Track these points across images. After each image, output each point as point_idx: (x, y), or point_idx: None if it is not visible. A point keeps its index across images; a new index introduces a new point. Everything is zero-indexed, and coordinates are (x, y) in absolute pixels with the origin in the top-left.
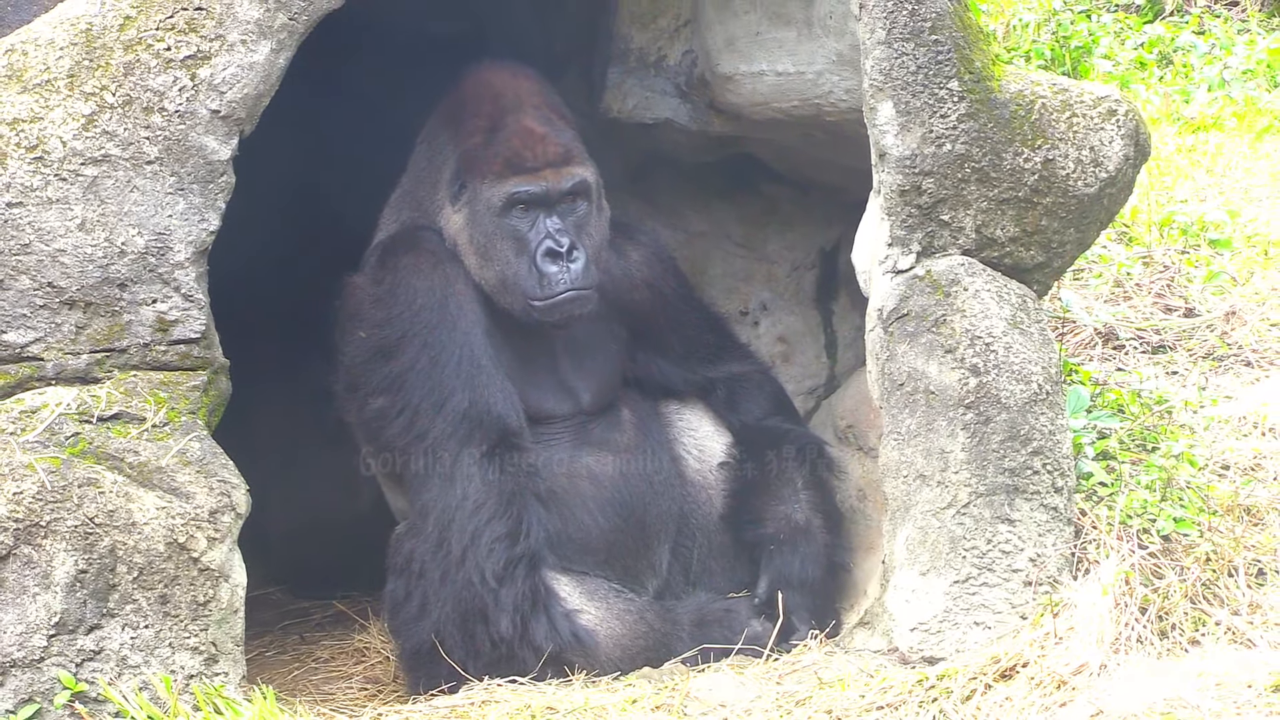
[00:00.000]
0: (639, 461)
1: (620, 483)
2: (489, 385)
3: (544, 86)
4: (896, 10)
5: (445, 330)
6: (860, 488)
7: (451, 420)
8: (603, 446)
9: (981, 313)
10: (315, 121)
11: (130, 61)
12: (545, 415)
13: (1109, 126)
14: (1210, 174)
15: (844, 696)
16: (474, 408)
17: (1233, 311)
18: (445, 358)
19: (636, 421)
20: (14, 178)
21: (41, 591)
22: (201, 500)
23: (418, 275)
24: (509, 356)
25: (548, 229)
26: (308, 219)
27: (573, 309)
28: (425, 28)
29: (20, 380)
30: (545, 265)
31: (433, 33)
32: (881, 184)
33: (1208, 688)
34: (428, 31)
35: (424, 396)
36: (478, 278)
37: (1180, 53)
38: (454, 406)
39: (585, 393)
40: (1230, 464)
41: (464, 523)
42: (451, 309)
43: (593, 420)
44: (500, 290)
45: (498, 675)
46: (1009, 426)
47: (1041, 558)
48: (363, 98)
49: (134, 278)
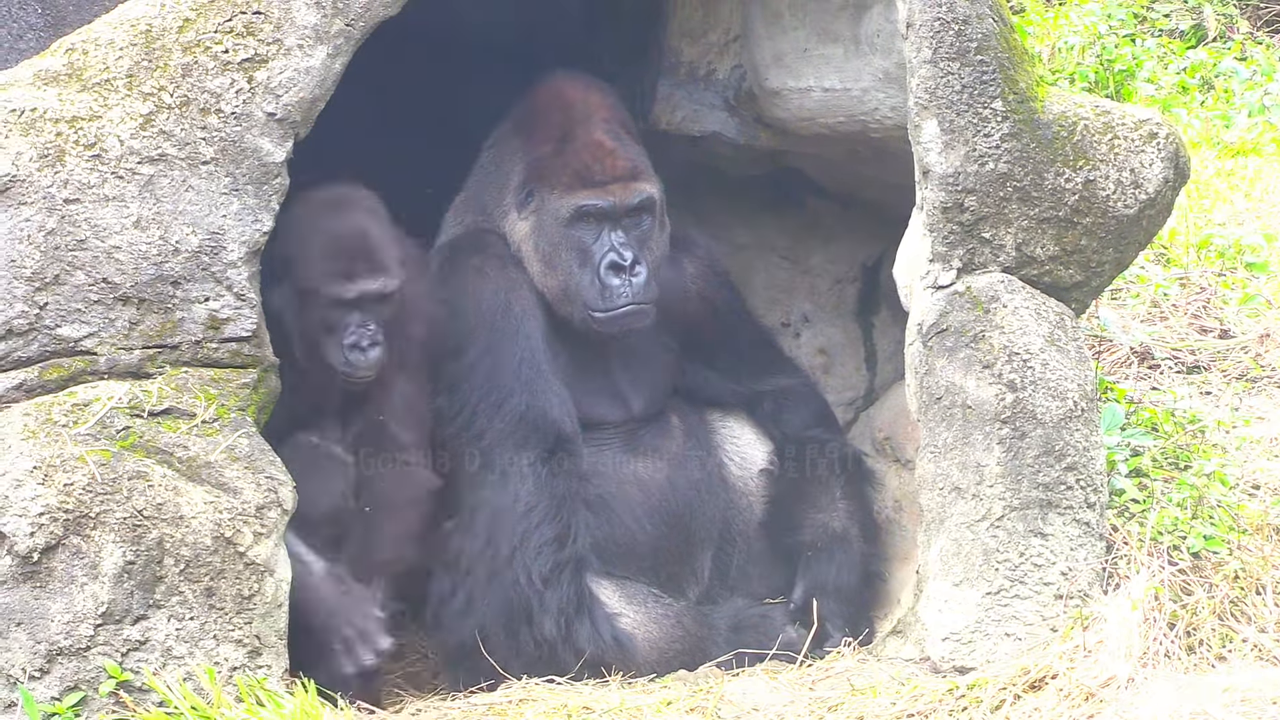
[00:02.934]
0: (686, 469)
1: (668, 490)
2: (546, 390)
3: (614, 100)
4: (943, 30)
5: (508, 334)
6: (896, 499)
7: (509, 422)
8: (652, 453)
9: (1020, 329)
10: (380, 126)
11: (188, 63)
12: (597, 421)
13: (1149, 149)
14: (1248, 198)
15: (875, 703)
16: (531, 411)
17: (1267, 334)
18: (506, 360)
19: (685, 429)
20: (72, 175)
21: (89, 581)
22: (249, 496)
23: (483, 278)
24: (565, 362)
25: (612, 243)
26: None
27: (632, 322)
28: (482, 35)
29: (73, 374)
30: (608, 278)
31: (488, 40)
32: (924, 200)
33: (1233, 703)
34: (483, 39)
35: (483, 397)
36: (540, 285)
37: (1222, 78)
38: (512, 408)
39: (636, 400)
40: (1261, 484)
41: (514, 524)
42: (515, 313)
43: (643, 427)
44: (561, 298)
45: (537, 675)
46: (1044, 442)
47: (1073, 572)
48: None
49: (187, 276)
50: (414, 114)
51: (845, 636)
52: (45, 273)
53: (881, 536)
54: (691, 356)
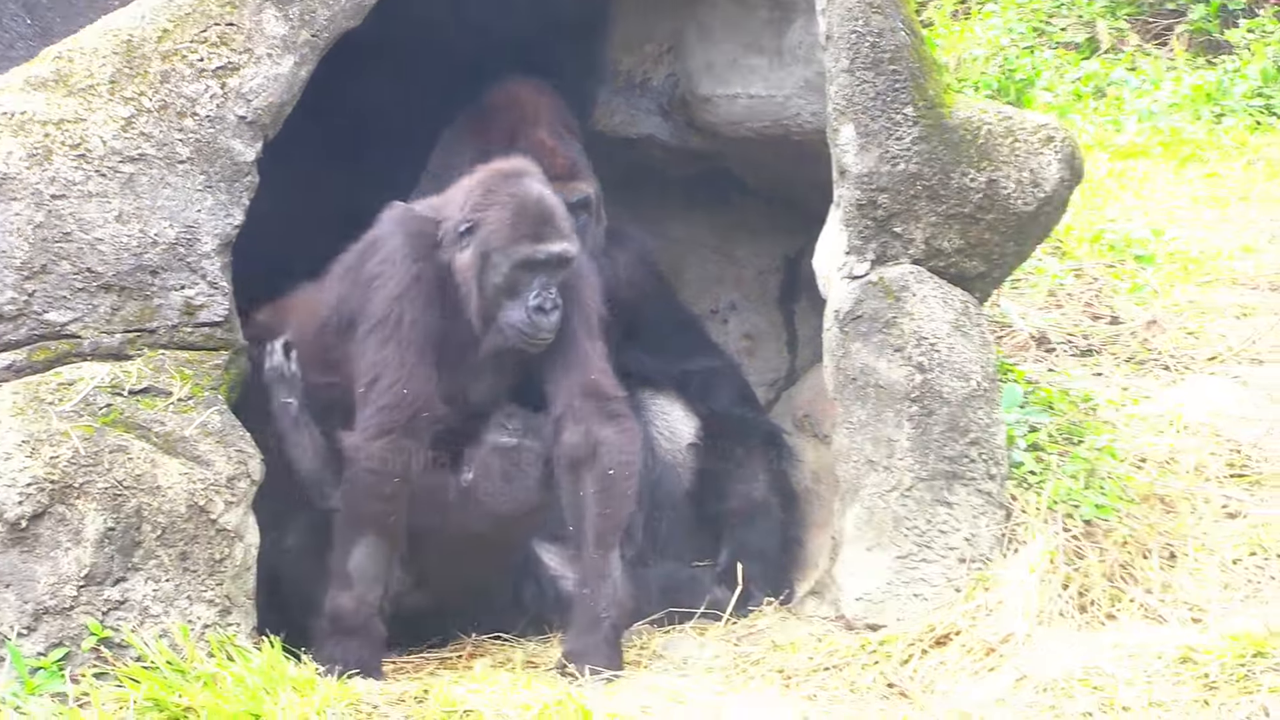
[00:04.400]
0: None
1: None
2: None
3: (559, 105)
4: (859, 42)
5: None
6: (814, 471)
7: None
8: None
9: (928, 316)
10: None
11: (166, 70)
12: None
13: (1047, 151)
14: (1137, 196)
15: (795, 658)
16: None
17: (1154, 320)
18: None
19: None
20: (59, 172)
21: (73, 546)
22: (220, 468)
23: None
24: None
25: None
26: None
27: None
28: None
29: (59, 355)
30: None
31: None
32: (841, 198)
33: (1122, 658)
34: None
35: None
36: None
37: (1114, 86)
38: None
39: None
40: (1147, 457)
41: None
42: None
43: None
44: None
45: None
46: (950, 419)
47: (975, 537)
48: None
49: (165, 266)
50: (375, 118)
51: (767, 597)
52: (34, 263)
53: (800, 505)
54: (625, 339)
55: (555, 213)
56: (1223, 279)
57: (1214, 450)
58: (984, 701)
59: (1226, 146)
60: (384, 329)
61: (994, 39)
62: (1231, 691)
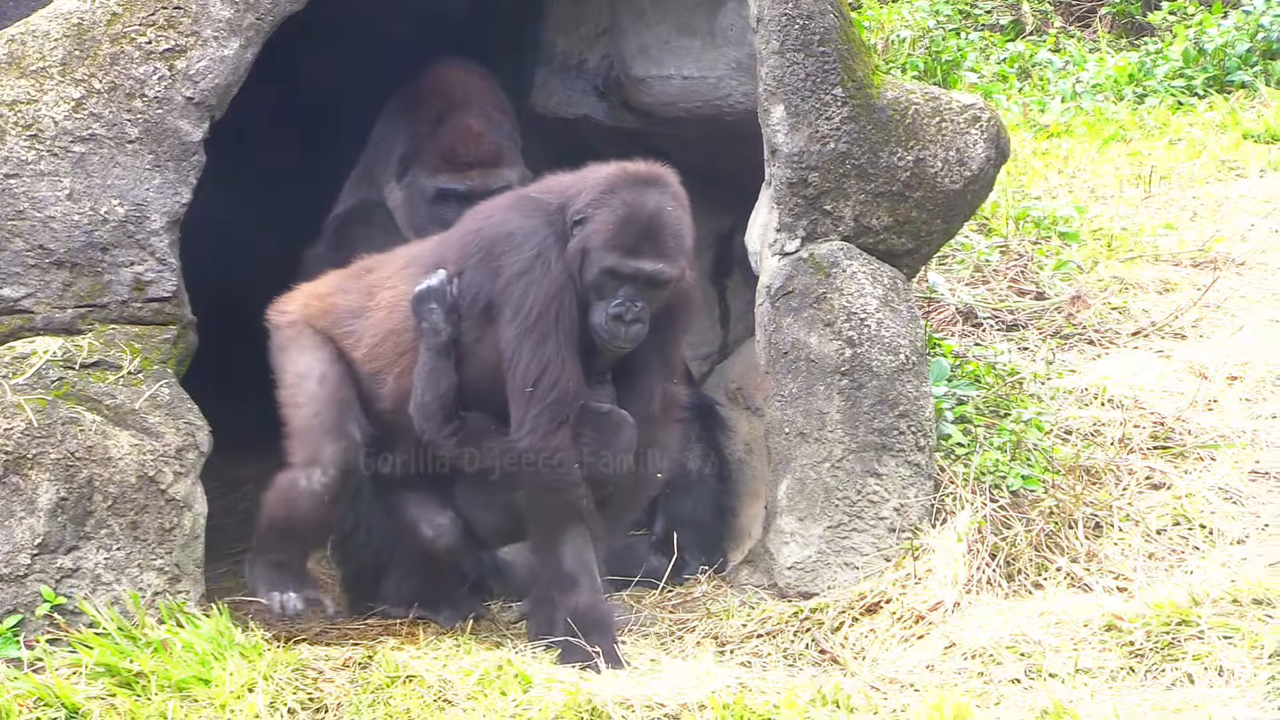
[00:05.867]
0: None
1: None
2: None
3: (491, 87)
4: (789, 25)
5: None
6: (747, 443)
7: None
8: None
9: (857, 292)
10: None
11: (116, 53)
12: None
13: (973, 131)
14: (1062, 175)
15: (729, 624)
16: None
17: (1078, 296)
18: None
19: None
20: (11, 152)
21: (27, 516)
22: (170, 439)
23: (369, 246)
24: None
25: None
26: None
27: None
28: (380, 29)
29: (12, 330)
30: None
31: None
32: (772, 177)
33: (1049, 626)
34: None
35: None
36: None
37: (1038, 68)
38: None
39: None
40: (1073, 430)
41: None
42: None
43: None
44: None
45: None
46: (879, 392)
47: (905, 508)
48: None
49: (115, 243)
50: (313, 96)
51: (702, 565)
52: None
53: (734, 476)
54: None
55: (663, 231)
56: (1145, 255)
57: (1138, 423)
58: (914, 668)
59: (1149, 126)
60: (543, 325)
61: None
62: (1156, 659)
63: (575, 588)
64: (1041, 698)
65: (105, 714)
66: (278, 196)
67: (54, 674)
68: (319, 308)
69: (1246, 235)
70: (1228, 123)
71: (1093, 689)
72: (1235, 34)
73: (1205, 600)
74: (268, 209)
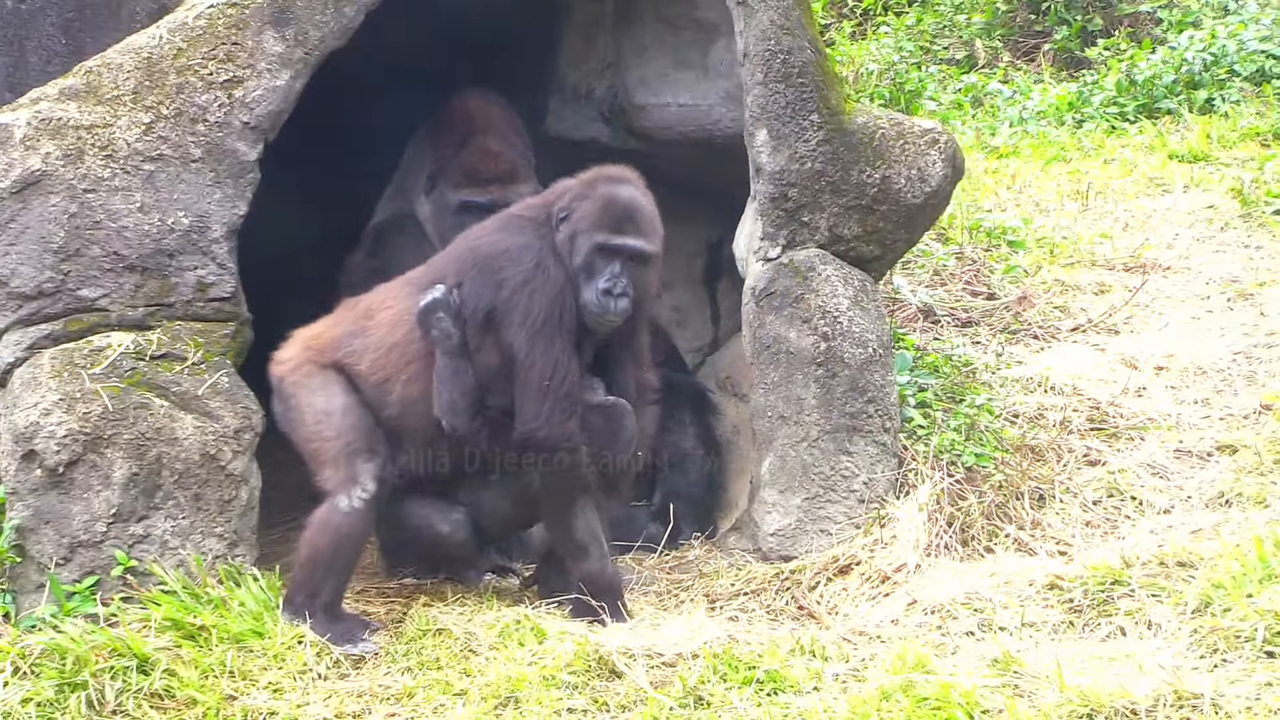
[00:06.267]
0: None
1: None
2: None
3: (509, 114)
4: (771, 59)
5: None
6: (735, 425)
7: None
8: None
9: (831, 293)
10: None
11: (181, 83)
12: None
13: (933, 152)
14: (1010, 190)
15: (719, 583)
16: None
17: (1024, 296)
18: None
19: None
20: (89, 170)
21: (103, 489)
22: (229, 421)
23: (403, 252)
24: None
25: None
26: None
27: None
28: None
29: (90, 326)
30: None
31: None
32: (757, 192)
33: (999, 585)
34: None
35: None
36: None
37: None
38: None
39: None
40: (1019, 414)
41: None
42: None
43: None
44: None
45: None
46: (850, 380)
47: (872, 482)
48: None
49: (180, 249)
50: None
51: (695, 533)
52: (68, 247)
53: (723, 454)
54: None
55: (640, 214)
56: (1083, 261)
57: (1077, 407)
58: (880, 622)
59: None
60: (550, 328)
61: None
62: (1093, 614)
63: (586, 555)
64: (992, 648)
65: (172, 663)
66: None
67: (127, 628)
68: (317, 345)
69: (1172, 243)
70: (1156, 145)
71: (1037, 640)
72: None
73: (1136, 563)
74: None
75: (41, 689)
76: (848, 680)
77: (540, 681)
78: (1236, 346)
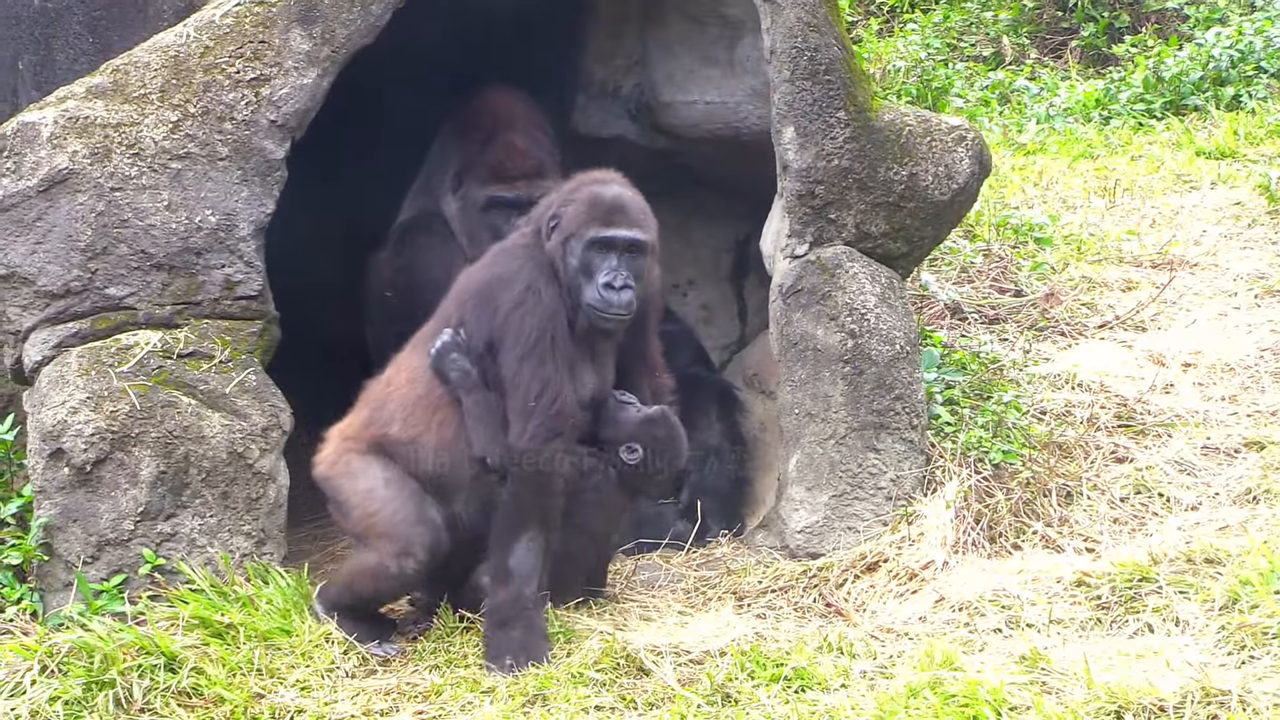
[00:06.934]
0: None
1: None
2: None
3: (534, 111)
4: (799, 56)
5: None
6: (762, 422)
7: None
8: None
9: (858, 290)
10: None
11: (208, 81)
12: None
13: (960, 149)
14: (1037, 187)
15: (746, 581)
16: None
17: (1051, 293)
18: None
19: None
20: (117, 169)
21: (131, 487)
22: (256, 420)
23: (429, 251)
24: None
25: (518, 228)
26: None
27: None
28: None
29: (118, 324)
30: None
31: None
32: (784, 189)
33: (1026, 582)
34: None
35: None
36: (469, 255)
37: (1016, 94)
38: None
39: None
40: (1047, 411)
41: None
42: (450, 278)
43: None
44: None
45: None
46: (877, 378)
47: (900, 479)
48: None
49: (208, 248)
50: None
51: (722, 530)
52: (96, 245)
53: (750, 451)
54: None
55: (629, 205)
56: (1110, 258)
57: (1104, 404)
58: (907, 619)
59: (1113, 145)
60: (541, 349)
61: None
62: (1120, 611)
63: (506, 582)
64: (1020, 645)
65: (200, 661)
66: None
67: (154, 626)
68: (350, 433)
69: (1199, 240)
70: (1183, 141)
71: (1064, 637)
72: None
73: (1163, 560)
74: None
75: (69, 687)
76: (875, 677)
77: (568, 679)
78: (1264, 343)
